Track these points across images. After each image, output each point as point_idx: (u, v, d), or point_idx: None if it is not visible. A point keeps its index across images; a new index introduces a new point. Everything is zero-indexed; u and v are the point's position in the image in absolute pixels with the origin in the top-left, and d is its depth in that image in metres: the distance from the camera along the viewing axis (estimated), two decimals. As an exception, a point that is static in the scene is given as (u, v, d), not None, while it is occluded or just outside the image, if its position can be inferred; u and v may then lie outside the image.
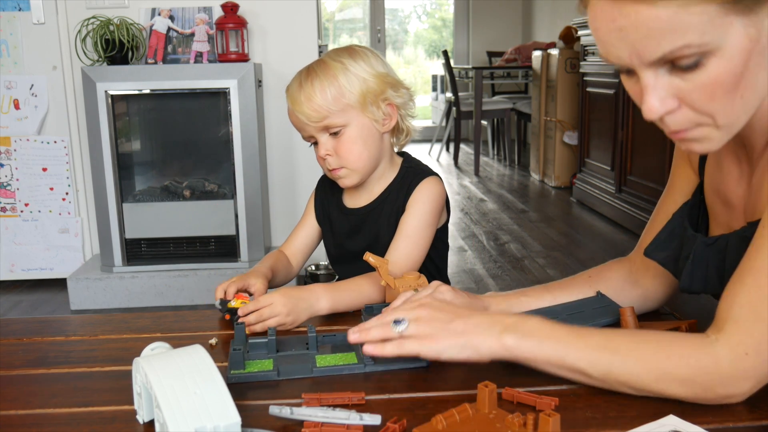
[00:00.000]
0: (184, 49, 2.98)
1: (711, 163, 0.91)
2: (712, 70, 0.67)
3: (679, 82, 0.68)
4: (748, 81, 0.68)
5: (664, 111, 0.70)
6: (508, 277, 3.18)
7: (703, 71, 0.67)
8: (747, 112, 0.72)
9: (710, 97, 0.68)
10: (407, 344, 0.80)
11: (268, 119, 3.14)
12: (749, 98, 0.70)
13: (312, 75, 1.17)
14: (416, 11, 9.83)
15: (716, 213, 0.91)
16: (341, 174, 1.21)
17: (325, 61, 1.19)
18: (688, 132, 0.72)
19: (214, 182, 3.08)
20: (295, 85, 1.18)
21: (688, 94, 0.69)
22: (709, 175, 0.92)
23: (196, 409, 0.64)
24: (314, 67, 1.19)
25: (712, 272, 0.86)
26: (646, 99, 0.70)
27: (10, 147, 3.05)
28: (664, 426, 0.70)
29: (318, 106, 1.15)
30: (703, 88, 0.68)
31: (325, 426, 0.71)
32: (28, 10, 2.97)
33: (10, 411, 0.79)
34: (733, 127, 0.72)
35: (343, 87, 1.16)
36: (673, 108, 0.70)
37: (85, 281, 2.87)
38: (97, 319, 1.23)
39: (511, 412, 0.72)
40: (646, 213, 3.56)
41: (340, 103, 1.16)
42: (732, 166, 0.87)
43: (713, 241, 0.86)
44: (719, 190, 0.89)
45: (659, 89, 0.69)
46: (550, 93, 5.10)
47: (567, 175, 5.04)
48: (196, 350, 0.72)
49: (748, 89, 0.69)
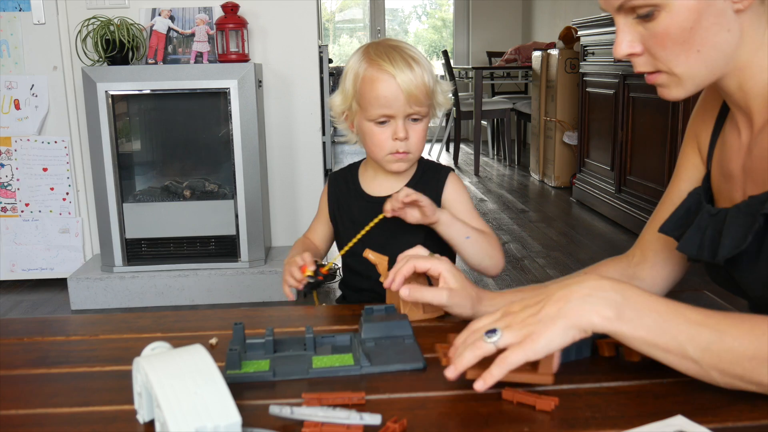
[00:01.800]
0: (184, 50, 2.98)
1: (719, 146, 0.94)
2: (661, 21, 0.79)
3: (642, 29, 0.81)
4: (703, 38, 0.79)
5: (628, 51, 0.82)
6: (508, 276, 3.18)
7: (656, 22, 0.79)
8: (711, 69, 0.82)
9: (662, 45, 0.80)
10: (510, 356, 0.73)
11: (268, 119, 3.14)
12: (709, 55, 0.80)
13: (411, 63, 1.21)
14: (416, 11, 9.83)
15: (720, 190, 0.93)
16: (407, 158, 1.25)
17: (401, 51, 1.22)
18: (652, 77, 0.84)
19: (214, 182, 3.08)
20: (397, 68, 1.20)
21: (647, 41, 0.81)
22: (716, 161, 0.94)
23: (196, 409, 0.64)
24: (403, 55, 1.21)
25: (707, 241, 0.87)
26: (616, 40, 0.83)
27: (10, 147, 3.05)
28: (670, 426, 0.70)
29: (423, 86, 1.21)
30: (656, 36, 0.80)
31: (325, 426, 0.71)
32: (28, 11, 2.97)
33: (11, 411, 0.79)
34: (695, 80, 0.82)
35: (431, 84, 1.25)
36: (637, 51, 0.82)
37: (86, 281, 2.87)
38: (97, 319, 1.23)
39: (511, 412, 0.72)
40: (646, 213, 3.56)
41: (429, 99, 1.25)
42: (733, 139, 0.90)
43: (716, 212, 0.89)
44: (722, 167, 0.92)
45: (626, 33, 0.82)
46: (550, 93, 5.10)
47: (567, 175, 5.04)
48: (197, 350, 0.72)
49: (706, 45, 0.79)
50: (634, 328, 0.73)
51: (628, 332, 0.74)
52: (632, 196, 3.78)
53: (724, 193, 0.92)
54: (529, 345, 0.73)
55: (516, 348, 0.73)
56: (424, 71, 1.21)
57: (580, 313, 0.73)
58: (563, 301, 0.74)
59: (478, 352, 0.75)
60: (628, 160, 3.82)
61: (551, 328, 0.73)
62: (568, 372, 0.84)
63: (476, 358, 0.75)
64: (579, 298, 0.74)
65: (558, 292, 0.76)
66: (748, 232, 0.81)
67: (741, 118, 0.88)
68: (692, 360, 0.73)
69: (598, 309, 0.73)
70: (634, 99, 3.72)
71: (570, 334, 0.73)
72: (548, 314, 0.74)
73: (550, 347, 0.73)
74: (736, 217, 0.84)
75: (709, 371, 0.74)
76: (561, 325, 0.73)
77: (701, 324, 0.74)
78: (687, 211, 0.94)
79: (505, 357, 0.73)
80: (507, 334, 0.74)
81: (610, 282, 0.76)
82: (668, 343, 0.73)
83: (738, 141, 0.89)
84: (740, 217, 0.83)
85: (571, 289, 0.75)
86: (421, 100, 1.21)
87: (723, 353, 0.72)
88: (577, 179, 4.64)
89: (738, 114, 0.88)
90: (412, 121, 1.23)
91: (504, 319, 0.77)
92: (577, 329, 0.73)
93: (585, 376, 0.83)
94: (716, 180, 0.93)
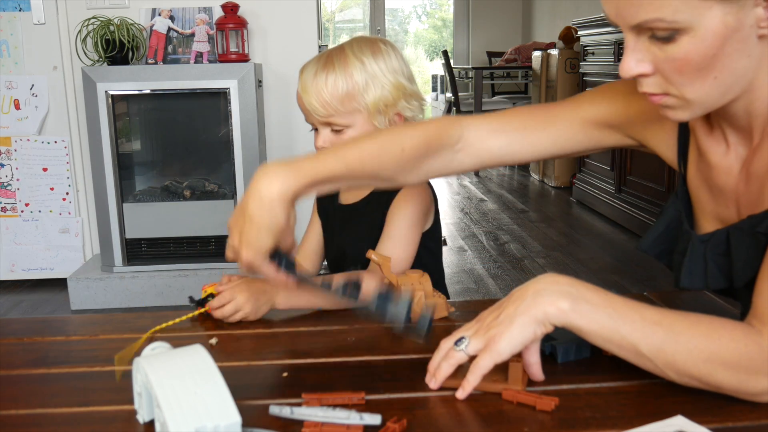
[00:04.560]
0: (184, 50, 2.98)
1: (692, 152, 0.91)
2: (683, 46, 0.72)
3: (656, 50, 0.74)
4: (723, 65, 0.72)
5: (637, 72, 0.76)
6: (507, 277, 3.18)
7: (675, 46, 0.72)
8: (723, 94, 0.76)
9: (679, 71, 0.73)
10: (480, 362, 0.76)
11: (268, 119, 3.14)
12: (725, 81, 0.74)
13: (329, 67, 1.12)
14: (416, 11, 9.83)
15: (702, 202, 0.90)
16: None
17: (345, 53, 1.14)
18: (659, 98, 0.77)
19: (214, 182, 3.08)
20: (310, 72, 1.14)
21: (661, 64, 0.74)
22: (693, 165, 0.91)
23: (196, 409, 0.64)
24: (333, 59, 1.13)
25: (713, 268, 0.85)
26: (624, 58, 0.76)
27: (10, 147, 3.05)
28: (670, 426, 0.70)
29: (326, 103, 1.12)
30: (674, 61, 0.73)
31: (325, 426, 0.71)
32: (28, 11, 2.97)
33: (11, 411, 0.79)
34: (705, 105, 0.77)
35: (357, 90, 1.12)
36: (647, 72, 0.76)
37: (86, 281, 2.87)
38: (97, 318, 1.23)
39: (511, 412, 0.72)
40: (646, 213, 3.57)
41: (349, 105, 1.13)
42: (719, 155, 0.87)
43: (708, 237, 0.86)
44: (706, 178, 0.89)
45: (637, 52, 0.75)
46: (550, 93, 5.10)
47: (567, 175, 5.04)
48: (197, 350, 0.72)
49: (724, 72, 0.73)
50: (587, 322, 0.75)
51: (584, 325, 0.76)
52: (632, 196, 3.78)
53: (707, 208, 0.89)
54: (493, 347, 0.76)
55: (483, 352, 0.77)
56: (342, 84, 1.11)
57: (536, 306, 0.76)
58: (520, 300, 0.77)
59: (452, 361, 0.78)
60: (628, 160, 3.82)
61: (510, 327, 0.76)
62: (568, 372, 0.84)
63: (451, 368, 0.78)
64: (534, 292, 0.77)
65: (516, 292, 0.79)
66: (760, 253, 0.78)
67: (734, 136, 0.85)
68: (647, 358, 0.75)
69: (553, 300, 0.76)
70: (634, 99, 3.72)
71: (530, 329, 0.76)
72: (507, 314, 0.77)
73: (513, 345, 0.76)
74: (741, 240, 0.81)
75: (665, 370, 0.75)
76: (519, 322, 0.76)
77: (656, 323, 0.75)
78: (667, 227, 0.93)
79: (475, 363, 0.77)
80: (473, 340, 0.78)
81: (567, 278, 0.78)
82: (621, 340, 0.75)
83: (725, 158, 0.86)
84: (745, 237, 0.80)
85: (527, 286, 0.78)
86: (329, 113, 1.13)
87: (677, 354, 0.73)
88: (577, 179, 4.64)
89: (730, 132, 0.85)
90: (334, 131, 1.15)
91: (472, 327, 0.80)
92: (535, 323, 0.76)
93: (585, 376, 0.83)
94: (697, 192, 0.90)
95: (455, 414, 0.75)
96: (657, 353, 0.74)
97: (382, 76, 1.14)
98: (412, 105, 1.18)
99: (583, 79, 4.47)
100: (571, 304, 0.76)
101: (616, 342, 0.75)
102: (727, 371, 0.73)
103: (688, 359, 0.73)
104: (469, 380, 0.77)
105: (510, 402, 0.76)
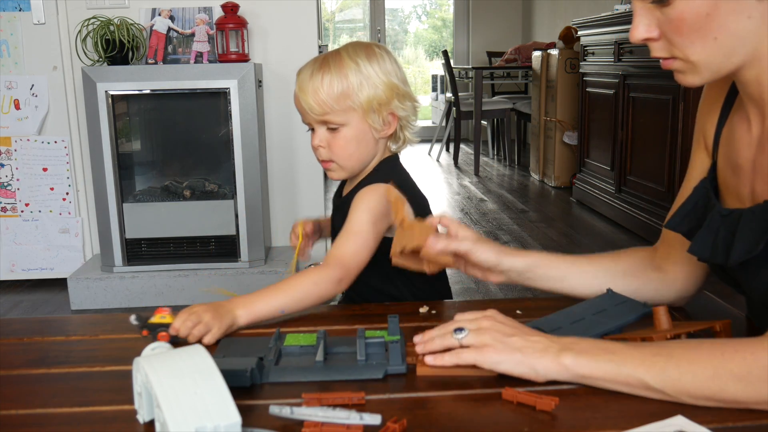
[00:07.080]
0: (184, 50, 2.98)
1: (725, 136, 0.92)
2: (677, 7, 0.77)
3: (659, 14, 0.79)
4: (720, 25, 0.77)
5: (645, 36, 0.81)
6: (508, 277, 3.18)
7: (671, 8, 0.78)
8: (727, 56, 0.79)
9: (678, 31, 0.79)
10: (465, 354, 0.81)
11: (268, 119, 3.14)
12: (726, 42, 0.78)
13: (325, 68, 1.17)
14: (416, 11, 9.83)
15: (727, 183, 0.91)
16: (330, 167, 1.23)
17: (341, 55, 1.19)
18: (668, 62, 0.83)
19: (214, 182, 3.08)
20: (307, 73, 1.19)
21: (663, 26, 0.80)
22: (723, 152, 0.92)
23: (196, 409, 0.64)
24: (329, 60, 1.19)
25: (720, 242, 0.85)
26: (633, 24, 0.82)
27: (10, 147, 3.05)
28: (670, 426, 0.70)
29: (322, 101, 1.16)
30: (672, 22, 0.78)
31: (325, 426, 0.71)
32: (28, 11, 2.97)
33: (11, 411, 0.79)
34: (711, 68, 0.80)
35: (352, 89, 1.16)
36: (654, 36, 0.81)
37: (86, 281, 2.87)
38: (97, 318, 1.23)
39: (511, 412, 0.72)
40: (646, 213, 3.57)
41: (344, 103, 1.16)
42: (743, 132, 0.88)
43: (728, 212, 0.87)
44: (730, 159, 0.90)
45: (644, 17, 0.81)
46: (550, 93, 5.10)
47: (567, 175, 5.04)
48: (197, 350, 0.72)
49: (724, 33, 0.77)
50: (591, 371, 0.78)
51: (588, 375, 0.78)
52: (632, 196, 3.78)
53: (731, 186, 0.90)
54: (483, 354, 0.80)
55: (472, 350, 0.81)
56: (337, 83, 1.16)
57: (539, 357, 0.79)
58: (531, 342, 0.81)
59: (446, 342, 0.83)
60: (628, 160, 3.82)
61: (509, 354, 0.80)
62: (568, 372, 0.84)
63: (441, 347, 0.83)
64: (544, 344, 0.80)
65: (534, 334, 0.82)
66: (761, 239, 0.80)
67: (753, 110, 0.86)
68: (657, 390, 0.75)
69: (558, 357, 0.79)
70: (634, 99, 3.72)
71: (521, 368, 0.79)
72: (514, 343, 0.80)
73: (498, 368, 0.80)
74: (750, 221, 0.82)
75: (679, 396, 0.75)
76: (518, 357, 0.80)
77: (656, 354, 0.76)
78: (695, 205, 0.93)
79: (460, 352, 0.82)
80: (472, 335, 0.82)
81: (571, 338, 0.82)
82: (627, 378, 0.76)
83: (748, 134, 0.87)
84: (755, 221, 0.81)
85: (542, 336, 0.82)
86: (325, 111, 1.17)
87: (682, 377, 0.74)
88: (577, 179, 4.64)
89: (750, 106, 0.86)
90: (329, 130, 1.20)
91: (478, 323, 0.83)
92: (529, 368, 0.79)
93: (585, 376, 0.83)
94: (723, 172, 0.91)
95: (455, 414, 0.75)
96: (664, 382, 0.74)
97: (376, 77, 1.18)
98: (405, 105, 1.22)
99: (583, 79, 4.48)
100: (573, 359, 0.78)
101: (623, 381, 0.77)
102: (738, 383, 0.72)
103: (695, 380, 0.73)
104: (444, 358, 0.82)
105: (510, 402, 0.77)
